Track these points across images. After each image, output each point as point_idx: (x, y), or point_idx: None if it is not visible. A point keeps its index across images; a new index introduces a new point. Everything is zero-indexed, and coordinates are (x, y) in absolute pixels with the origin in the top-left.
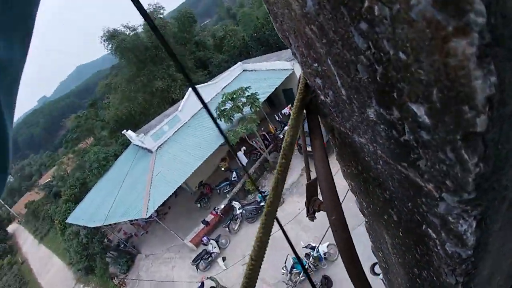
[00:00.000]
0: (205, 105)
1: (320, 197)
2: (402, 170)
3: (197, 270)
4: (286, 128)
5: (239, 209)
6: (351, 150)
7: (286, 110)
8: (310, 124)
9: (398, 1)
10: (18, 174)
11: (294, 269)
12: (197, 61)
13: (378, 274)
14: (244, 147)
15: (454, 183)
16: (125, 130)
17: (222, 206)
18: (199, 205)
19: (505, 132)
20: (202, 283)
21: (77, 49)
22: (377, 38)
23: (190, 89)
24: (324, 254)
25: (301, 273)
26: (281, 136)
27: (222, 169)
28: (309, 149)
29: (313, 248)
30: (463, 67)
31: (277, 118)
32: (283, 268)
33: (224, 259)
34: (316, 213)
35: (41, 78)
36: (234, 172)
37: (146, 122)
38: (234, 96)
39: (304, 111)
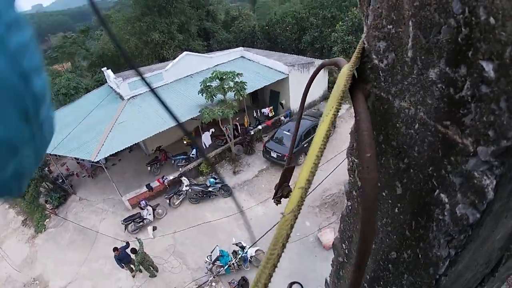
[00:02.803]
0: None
1: (291, 186)
2: (441, 129)
3: (125, 230)
4: (259, 126)
5: (186, 186)
6: (380, 118)
7: (266, 111)
8: (352, 90)
9: None
10: None
11: (218, 261)
12: (201, 30)
13: None
14: (213, 129)
15: (497, 131)
16: (105, 68)
17: (171, 178)
18: (149, 168)
19: None
20: (128, 243)
21: None
22: (475, 5)
23: (183, 53)
24: (251, 257)
25: (223, 268)
26: (252, 132)
27: (184, 142)
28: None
29: (242, 248)
30: None
31: (255, 115)
32: (207, 257)
33: (154, 228)
34: (282, 199)
35: None
36: (194, 150)
37: (129, 69)
38: (224, 77)
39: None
